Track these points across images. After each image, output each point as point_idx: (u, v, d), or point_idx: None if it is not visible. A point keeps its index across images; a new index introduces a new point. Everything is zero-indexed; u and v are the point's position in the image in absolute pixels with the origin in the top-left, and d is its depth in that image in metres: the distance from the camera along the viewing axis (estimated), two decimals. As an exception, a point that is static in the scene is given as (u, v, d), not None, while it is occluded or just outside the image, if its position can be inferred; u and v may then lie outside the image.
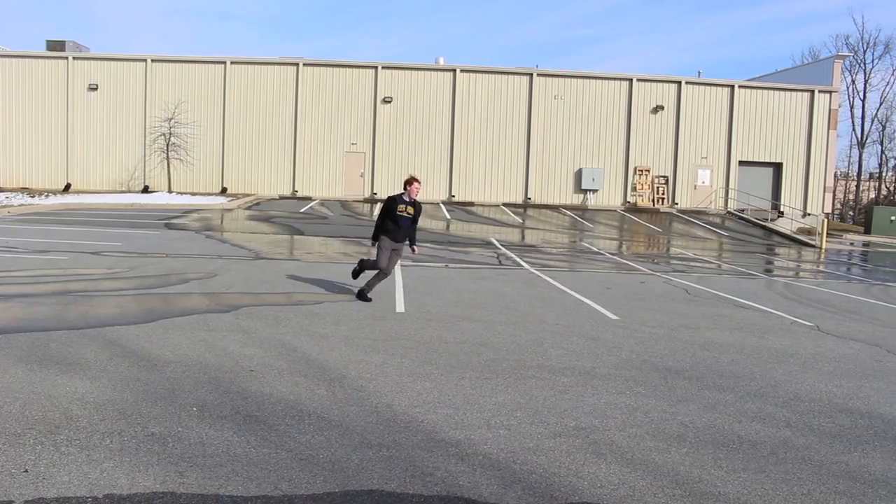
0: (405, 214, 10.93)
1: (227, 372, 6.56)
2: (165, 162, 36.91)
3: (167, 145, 36.67)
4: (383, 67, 38.30)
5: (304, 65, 38.11)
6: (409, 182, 10.93)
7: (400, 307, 10.62)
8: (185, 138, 36.90)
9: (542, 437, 5.26)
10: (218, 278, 12.76)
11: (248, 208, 31.27)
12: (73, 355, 6.88)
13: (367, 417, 5.50)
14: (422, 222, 29.33)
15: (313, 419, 5.39)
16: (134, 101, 37.66)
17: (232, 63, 37.95)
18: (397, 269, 15.27)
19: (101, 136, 37.74)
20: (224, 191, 37.65)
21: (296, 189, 38.15)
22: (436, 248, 20.79)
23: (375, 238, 11.04)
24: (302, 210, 31.47)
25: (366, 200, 37.03)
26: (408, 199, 10.95)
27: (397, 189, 37.00)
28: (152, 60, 37.75)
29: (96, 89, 37.53)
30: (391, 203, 10.92)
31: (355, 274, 11.70)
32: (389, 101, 38.10)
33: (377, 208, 33.41)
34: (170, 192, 36.10)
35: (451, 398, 6.11)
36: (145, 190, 36.85)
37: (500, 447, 5.00)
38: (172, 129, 36.60)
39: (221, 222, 25.72)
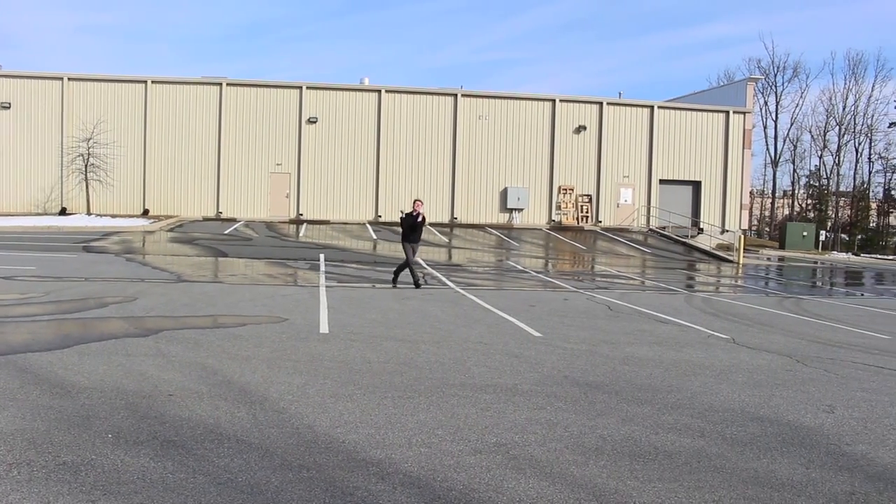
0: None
1: (145, 397, 6.43)
2: (84, 183, 35.94)
3: (86, 166, 35.73)
4: (308, 88, 38.14)
5: (228, 84, 37.69)
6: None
7: (324, 328, 10.56)
8: (105, 159, 35.98)
9: (462, 454, 5.30)
10: (138, 302, 12.48)
11: (171, 230, 30.67)
12: (-19, 384, 6.64)
13: (287, 439, 5.46)
14: (347, 243, 29.37)
15: (233, 442, 5.32)
16: (49, 121, 36.64)
17: (153, 82, 37.29)
18: (321, 290, 15.18)
19: (13, 157, 36.58)
20: (146, 212, 36.86)
21: (220, 210, 37.59)
22: (362, 269, 20.73)
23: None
24: (226, 231, 30.99)
25: (291, 221, 36.70)
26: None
27: (324, 210, 37.08)
28: (69, 79, 36.81)
29: (9, 108, 36.39)
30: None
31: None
32: (314, 122, 37.94)
33: (303, 229, 33.18)
34: (89, 214, 35.17)
35: (372, 418, 6.10)
36: (63, 212, 35.81)
37: (420, 465, 5.02)
38: (91, 150, 35.67)
39: (143, 245, 25.17)
